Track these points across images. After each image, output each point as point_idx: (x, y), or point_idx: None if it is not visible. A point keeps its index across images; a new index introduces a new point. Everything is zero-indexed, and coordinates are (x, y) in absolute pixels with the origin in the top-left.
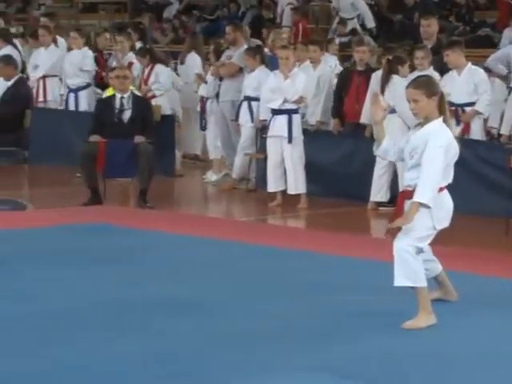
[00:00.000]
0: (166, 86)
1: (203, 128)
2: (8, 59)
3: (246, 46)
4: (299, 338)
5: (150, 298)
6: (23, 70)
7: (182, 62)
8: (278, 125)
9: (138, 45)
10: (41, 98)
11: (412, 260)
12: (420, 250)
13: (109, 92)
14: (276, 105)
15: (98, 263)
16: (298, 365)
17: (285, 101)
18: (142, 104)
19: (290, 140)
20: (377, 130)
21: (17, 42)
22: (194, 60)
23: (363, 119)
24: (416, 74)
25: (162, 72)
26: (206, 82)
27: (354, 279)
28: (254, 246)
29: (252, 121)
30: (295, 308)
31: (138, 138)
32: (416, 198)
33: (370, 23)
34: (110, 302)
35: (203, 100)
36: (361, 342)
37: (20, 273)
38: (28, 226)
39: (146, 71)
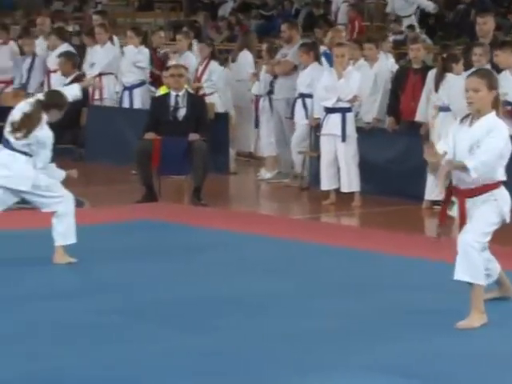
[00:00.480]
0: (218, 85)
1: (257, 125)
2: (70, 55)
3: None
4: (354, 337)
5: (206, 296)
6: (79, 68)
7: (234, 60)
8: (332, 123)
9: (194, 43)
10: (97, 96)
11: (476, 256)
12: (485, 247)
13: (162, 90)
14: (330, 103)
15: (153, 260)
16: (354, 363)
17: (338, 99)
18: (196, 102)
19: (343, 138)
20: (433, 165)
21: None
22: (245, 58)
23: (419, 117)
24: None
25: (215, 70)
26: (259, 80)
27: (408, 278)
28: (308, 244)
29: (307, 117)
30: (350, 307)
31: (193, 136)
32: (465, 161)
33: (431, 8)
34: (166, 300)
35: (257, 98)
36: (415, 341)
37: (76, 270)
38: (85, 223)
39: (201, 68)
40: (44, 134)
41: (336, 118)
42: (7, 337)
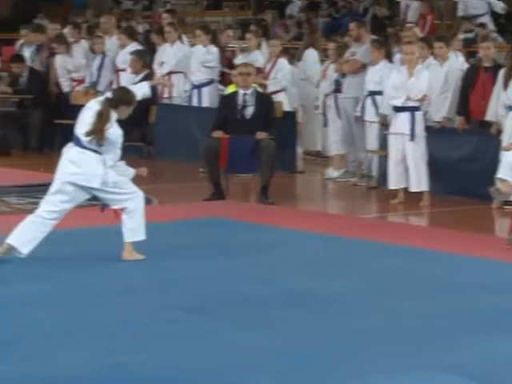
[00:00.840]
0: (283, 83)
1: (325, 124)
2: (141, 54)
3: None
4: (420, 337)
5: (273, 294)
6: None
7: (300, 59)
8: (400, 122)
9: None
10: (166, 95)
11: None
12: None
13: (231, 88)
14: (399, 102)
15: (219, 257)
16: (418, 363)
17: (408, 98)
18: (264, 100)
19: (412, 137)
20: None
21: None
22: (311, 56)
23: (489, 116)
24: None
25: (282, 68)
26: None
27: (477, 279)
28: (375, 243)
29: (377, 114)
30: (418, 307)
31: (260, 135)
32: None
33: (500, 8)
34: (233, 297)
35: (325, 96)
36: (483, 343)
37: (144, 266)
38: (154, 219)
39: (269, 66)
40: (114, 132)
41: (404, 116)
42: (75, 332)
